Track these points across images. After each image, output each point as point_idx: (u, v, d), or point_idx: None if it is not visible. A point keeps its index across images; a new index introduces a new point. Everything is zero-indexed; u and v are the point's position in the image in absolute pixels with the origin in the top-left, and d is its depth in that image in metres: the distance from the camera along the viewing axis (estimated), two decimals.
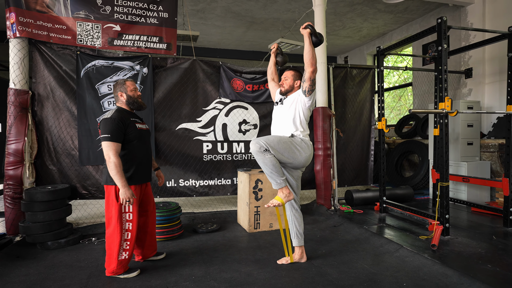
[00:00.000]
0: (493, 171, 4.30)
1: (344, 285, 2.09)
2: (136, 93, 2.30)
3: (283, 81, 2.47)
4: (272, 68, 2.72)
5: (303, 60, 2.24)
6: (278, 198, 2.22)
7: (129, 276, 2.21)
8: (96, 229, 3.31)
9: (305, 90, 2.29)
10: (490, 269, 2.19)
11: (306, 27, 2.24)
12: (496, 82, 4.63)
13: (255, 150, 2.18)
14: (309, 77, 2.23)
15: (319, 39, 2.24)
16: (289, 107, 2.38)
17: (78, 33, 3.24)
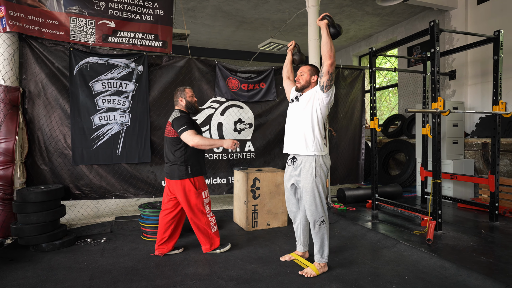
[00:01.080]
0: (476, 169, 4.52)
1: (349, 279, 2.15)
2: (193, 99, 2.65)
3: (298, 76, 2.30)
4: (288, 66, 2.58)
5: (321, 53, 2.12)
6: (314, 269, 2.24)
7: (225, 250, 2.62)
8: (90, 230, 3.22)
9: (323, 86, 2.13)
10: (484, 261, 2.32)
11: (324, 18, 2.11)
12: (478, 84, 4.87)
13: (314, 225, 2.24)
14: (327, 70, 2.08)
15: (337, 30, 2.11)
16: (306, 104, 2.23)
17: (71, 29, 3.14)
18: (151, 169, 3.53)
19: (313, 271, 2.22)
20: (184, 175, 2.48)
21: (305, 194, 2.23)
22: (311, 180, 2.19)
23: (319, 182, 2.21)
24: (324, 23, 2.11)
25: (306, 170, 2.22)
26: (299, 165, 2.26)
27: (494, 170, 3.36)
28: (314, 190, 2.20)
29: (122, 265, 2.42)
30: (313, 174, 2.19)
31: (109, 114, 3.31)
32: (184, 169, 2.48)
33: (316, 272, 2.21)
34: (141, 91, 3.42)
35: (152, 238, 2.97)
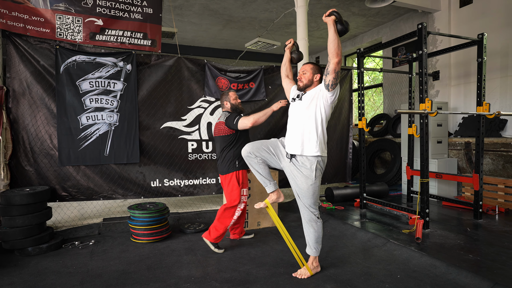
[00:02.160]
0: (460, 168, 4.67)
1: (343, 279, 2.18)
2: (237, 101, 2.91)
3: (301, 75, 2.25)
4: (287, 64, 2.53)
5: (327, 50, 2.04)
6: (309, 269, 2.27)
7: (218, 251, 2.73)
8: (77, 233, 3.14)
9: (329, 84, 2.06)
10: (471, 259, 2.39)
11: (331, 14, 2.02)
12: (461, 85, 5.03)
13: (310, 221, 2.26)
14: (334, 68, 2.01)
15: (345, 26, 2.03)
16: (309, 103, 2.16)
17: (58, 26, 3.04)
18: (140, 170, 3.47)
19: (306, 272, 2.23)
20: (231, 169, 2.77)
21: (303, 195, 2.20)
22: (311, 182, 2.15)
23: (318, 184, 2.20)
24: (331, 19, 2.01)
25: (308, 173, 2.15)
26: (301, 165, 2.17)
27: (478, 169, 3.48)
28: (315, 192, 2.19)
29: (113, 268, 2.37)
30: (313, 176, 2.15)
31: (97, 114, 3.23)
32: (232, 164, 2.77)
33: (310, 272, 2.24)
34: (129, 90, 3.35)
35: (142, 240, 2.92)
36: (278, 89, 4.20)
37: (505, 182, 4.00)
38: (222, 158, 2.82)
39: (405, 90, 5.95)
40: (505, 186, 4.00)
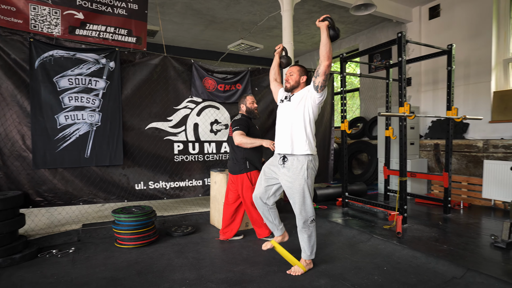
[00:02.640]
0: (429, 167, 5.00)
1: (335, 274, 2.25)
2: (253, 106, 2.98)
3: (288, 76, 2.33)
4: (276, 68, 2.61)
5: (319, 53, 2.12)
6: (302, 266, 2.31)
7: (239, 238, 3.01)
8: (54, 240, 2.94)
9: (318, 86, 2.14)
10: (446, 249, 2.58)
11: (325, 20, 2.11)
12: (430, 91, 5.40)
13: (304, 225, 2.28)
14: (324, 71, 2.10)
15: (337, 33, 2.12)
16: (298, 104, 2.23)
17: (32, 17, 2.84)
18: (123, 172, 3.33)
19: (300, 269, 2.28)
20: (243, 170, 2.85)
21: (295, 195, 2.24)
22: (303, 181, 2.20)
23: (310, 183, 2.24)
24: (324, 25, 2.10)
25: (298, 172, 2.20)
26: (291, 166, 2.23)
27: (448, 168, 3.75)
28: (305, 191, 2.22)
29: (99, 275, 2.25)
30: (305, 175, 2.20)
31: (77, 113, 3.05)
32: (243, 165, 2.85)
33: (303, 269, 2.28)
34: (113, 89, 3.20)
35: (128, 245, 2.81)
36: (264, 91, 4.24)
37: (468, 180, 4.36)
38: (232, 159, 2.93)
39: (380, 95, 6.26)
40: (468, 183, 4.36)
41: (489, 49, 4.59)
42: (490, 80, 4.58)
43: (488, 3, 4.60)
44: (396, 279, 2.16)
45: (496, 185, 3.89)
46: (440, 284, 2.09)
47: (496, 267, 2.22)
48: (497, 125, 4.42)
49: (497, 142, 4.15)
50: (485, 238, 2.86)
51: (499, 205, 4.03)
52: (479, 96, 4.71)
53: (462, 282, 2.10)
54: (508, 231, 2.65)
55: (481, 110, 4.64)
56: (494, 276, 2.07)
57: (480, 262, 2.31)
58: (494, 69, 4.60)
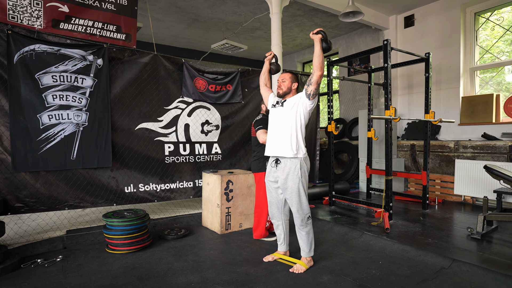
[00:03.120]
0: (406, 166, 5.32)
1: (335, 270, 2.34)
2: None
3: (280, 83, 2.44)
4: (266, 74, 2.71)
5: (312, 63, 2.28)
6: (303, 264, 2.38)
7: (271, 239, 3.03)
8: (36, 249, 2.75)
9: (310, 94, 2.27)
10: (431, 242, 2.78)
11: (318, 33, 2.24)
12: (406, 95, 5.74)
13: (302, 223, 2.36)
14: (316, 81, 2.24)
15: (329, 45, 2.26)
16: (290, 109, 2.34)
17: (10, 8, 2.63)
18: (112, 175, 3.19)
19: (302, 267, 2.34)
20: (262, 169, 2.94)
21: (291, 195, 2.32)
22: (298, 181, 2.30)
23: (304, 182, 2.35)
24: (318, 38, 2.24)
25: (292, 172, 2.31)
26: (285, 167, 2.34)
27: (426, 167, 4.02)
28: (300, 190, 2.32)
29: (97, 283, 2.15)
30: (299, 175, 2.31)
31: (62, 112, 2.88)
32: (261, 164, 2.94)
33: (305, 267, 2.35)
34: (100, 87, 3.06)
35: (121, 250, 2.70)
36: (254, 92, 4.27)
37: (441, 178, 4.70)
38: (253, 157, 3.04)
39: (359, 97, 6.53)
40: (441, 181, 4.70)
41: (458, 58, 4.98)
42: (459, 86, 4.98)
43: (456, 17, 4.99)
44: (392, 272, 2.29)
45: (466, 182, 4.24)
46: (432, 274, 2.25)
47: (475, 257, 2.44)
48: (466, 128, 4.81)
49: (466, 143, 4.52)
50: (462, 230, 3.11)
51: (468, 200, 4.39)
52: (449, 101, 5.09)
53: (450, 271, 2.28)
54: (482, 223, 2.91)
55: (452, 113, 5.03)
56: (476, 264, 2.28)
57: (462, 253, 2.51)
58: (462, 76, 5.00)
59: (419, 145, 5.05)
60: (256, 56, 9.08)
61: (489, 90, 4.91)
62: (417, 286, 2.08)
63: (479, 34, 4.99)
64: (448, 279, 2.17)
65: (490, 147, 4.25)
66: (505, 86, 4.77)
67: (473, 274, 2.22)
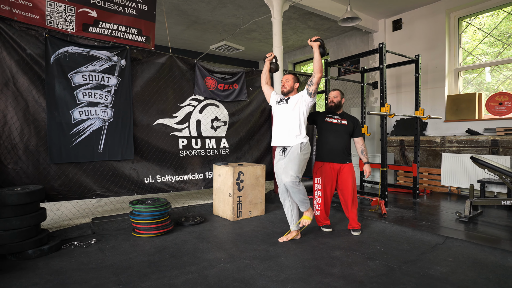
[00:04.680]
0: (395, 160, 5.74)
1: (344, 247, 2.68)
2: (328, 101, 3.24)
3: (284, 82, 2.88)
4: (267, 73, 3.05)
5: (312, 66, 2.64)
6: (307, 217, 2.79)
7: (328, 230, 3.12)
8: (68, 234, 2.97)
9: (311, 92, 2.73)
10: (425, 224, 3.17)
11: (317, 40, 2.65)
12: (394, 94, 6.17)
13: (291, 183, 2.62)
14: (316, 81, 2.69)
15: (325, 51, 2.69)
16: (294, 106, 2.78)
17: (48, 13, 2.84)
18: (133, 166, 3.43)
19: (307, 220, 2.81)
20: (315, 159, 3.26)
21: (290, 163, 2.67)
22: (297, 151, 2.70)
23: (305, 158, 2.74)
24: (317, 44, 2.65)
25: (297, 149, 2.72)
26: (289, 151, 2.75)
27: (416, 160, 4.44)
28: (300, 162, 2.69)
29: (136, 260, 2.41)
30: (298, 149, 2.71)
31: (90, 109, 3.10)
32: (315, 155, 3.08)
33: (309, 218, 2.81)
34: (124, 86, 3.29)
35: (148, 234, 2.95)
36: (257, 91, 4.57)
37: (429, 170, 5.15)
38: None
39: (349, 96, 6.93)
40: (429, 173, 5.14)
41: (443, 59, 5.44)
42: (444, 85, 5.44)
43: (442, 21, 5.45)
44: (394, 247, 2.65)
45: (452, 174, 4.68)
46: (429, 248, 2.62)
47: (465, 235, 2.83)
48: (450, 124, 5.27)
49: (452, 138, 4.97)
50: (451, 215, 3.52)
51: (454, 191, 4.84)
52: (435, 99, 5.55)
53: (444, 246, 2.66)
54: (469, 208, 3.32)
55: (437, 111, 5.48)
56: (466, 240, 2.67)
57: (453, 232, 2.91)
58: (447, 76, 5.46)
59: (408, 140, 5.47)
60: (249, 57, 9.39)
61: (470, 90, 5.39)
62: (417, 257, 2.44)
63: (462, 38, 5.47)
64: (444, 252, 2.55)
65: (474, 141, 4.71)
66: (485, 86, 5.26)
67: (464, 247, 2.61)
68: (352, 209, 3.08)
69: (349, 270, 2.21)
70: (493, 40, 5.11)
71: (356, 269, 2.22)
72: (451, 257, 2.44)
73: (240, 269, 2.23)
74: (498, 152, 4.45)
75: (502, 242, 2.63)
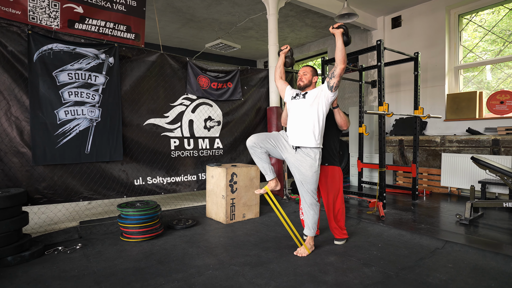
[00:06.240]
0: (394, 161, 5.63)
1: (340, 252, 2.57)
2: None
3: (301, 76, 2.56)
4: (282, 67, 2.78)
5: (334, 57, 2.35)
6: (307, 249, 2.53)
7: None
8: (53, 239, 2.86)
9: (333, 86, 2.38)
10: (424, 227, 3.06)
11: (340, 27, 2.32)
12: (393, 93, 6.06)
13: (312, 203, 2.52)
14: (339, 73, 2.33)
15: (349, 39, 2.33)
16: (313, 101, 2.44)
17: (30, 9, 2.73)
18: (122, 168, 3.32)
19: (305, 250, 2.53)
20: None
21: (307, 182, 2.50)
22: (315, 169, 2.47)
23: (318, 172, 2.53)
24: (339, 32, 2.32)
25: (312, 162, 2.44)
26: (305, 155, 2.45)
27: (415, 160, 4.32)
28: (317, 179, 2.51)
29: (121, 267, 2.30)
30: (316, 165, 2.47)
31: (77, 108, 2.99)
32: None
33: (308, 251, 2.53)
34: (112, 84, 3.18)
35: (136, 239, 2.85)
36: (252, 89, 4.46)
37: (428, 171, 5.03)
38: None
39: (348, 95, 6.82)
40: (428, 174, 5.03)
41: (443, 57, 5.33)
42: (444, 84, 5.32)
43: (441, 18, 5.33)
44: (392, 252, 2.54)
45: (452, 175, 4.57)
46: (428, 254, 2.51)
47: (465, 238, 2.72)
48: (450, 123, 5.16)
49: (452, 137, 4.86)
50: (451, 217, 3.41)
51: (454, 191, 4.73)
52: (435, 98, 5.43)
53: (444, 251, 2.55)
54: (470, 210, 3.21)
55: (437, 110, 5.37)
56: (467, 244, 2.55)
57: (453, 236, 2.79)
58: (447, 74, 5.34)
59: (407, 140, 5.36)
60: (247, 56, 9.27)
61: (471, 88, 5.28)
62: (416, 263, 2.33)
63: (463, 35, 5.35)
64: (443, 257, 2.43)
65: (474, 141, 4.59)
66: (486, 85, 5.14)
67: (465, 252, 2.49)
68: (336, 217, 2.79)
69: (343, 278, 2.10)
70: (494, 37, 4.99)
71: (351, 276, 2.11)
72: (451, 263, 2.33)
73: (229, 277, 2.12)
74: (499, 152, 4.34)
75: (504, 246, 2.52)
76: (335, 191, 2.77)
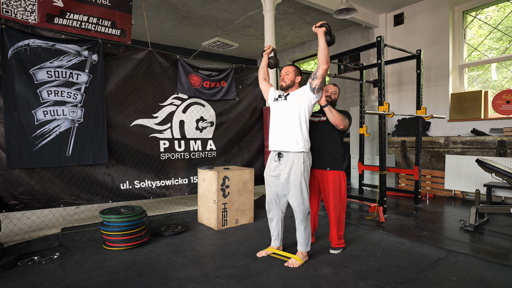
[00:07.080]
0: (397, 162, 5.43)
1: (335, 262, 2.38)
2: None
3: (284, 76, 2.41)
4: (265, 68, 2.68)
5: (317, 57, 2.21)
6: (298, 259, 2.37)
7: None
8: (31, 247, 2.70)
9: (315, 88, 2.25)
10: (426, 234, 2.86)
11: (322, 26, 2.20)
12: (396, 92, 5.85)
13: (303, 218, 2.36)
14: (322, 74, 2.20)
15: (333, 38, 2.21)
16: (294, 103, 2.32)
17: (3, 1, 2.57)
18: (107, 171, 3.15)
19: (297, 261, 2.35)
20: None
21: (294, 190, 2.32)
22: (300, 175, 2.30)
23: (306, 177, 2.35)
24: (322, 30, 2.20)
25: (296, 166, 2.30)
26: (287, 161, 2.32)
27: (418, 163, 4.12)
28: (303, 185, 2.32)
29: (97, 279, 2.13)
30: (302, 169, 2.30)
31: (57, 108, 2.82)
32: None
33: (300, 262, 2.35)
34: (96, 83, 3.01)
35: (119, 247, 2.68)
36: (248, 89, 4.28)
37: (431, 173, 4.83)
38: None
39: (349, 95, 6.62)
40: (432, 176, 4.83)
41: (447, 55, 5.12)
42: (448, 83, 5.11)
43: (445, 15, 5.12)
44: (391, 263, 2.35)
45: (456, 177, 4.36)
46: (429, 265, 2.32)
47: (470, 247, 2.52)
48: (455, 124, 4.95)
49: (456, 138, 4.65)
50: (455, 223, 3.21)
51: (458, 195, 4.52)
52: (438, 97, 5.23)
53: (447, 262, 2.36)
54: (475, 216, 3.01)
55: (441, 110, 5.16)
56: (472, 254, 2.36)
57: (457, 244, 2.60)
58: (451, 73, 5.14)
59: (410, 141, 5.16)
60: (246, 55, 9.09)
61: (476, 88, 5.06)
62: (416, 276, 2.14)
63: (467, 32, 5.14)
64: (446, 269, 2.24)
65: (480, 142, 4.38)
66: (491, 84, 4.93)
67: (470, 263, 2.30)
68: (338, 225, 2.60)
69: None
70: (499, 35, 4.78)
71: None
72: (454, 275, 2.14)
73: None
74: (505, 154, 4.13)
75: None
76: (339, 198, 2.55)
